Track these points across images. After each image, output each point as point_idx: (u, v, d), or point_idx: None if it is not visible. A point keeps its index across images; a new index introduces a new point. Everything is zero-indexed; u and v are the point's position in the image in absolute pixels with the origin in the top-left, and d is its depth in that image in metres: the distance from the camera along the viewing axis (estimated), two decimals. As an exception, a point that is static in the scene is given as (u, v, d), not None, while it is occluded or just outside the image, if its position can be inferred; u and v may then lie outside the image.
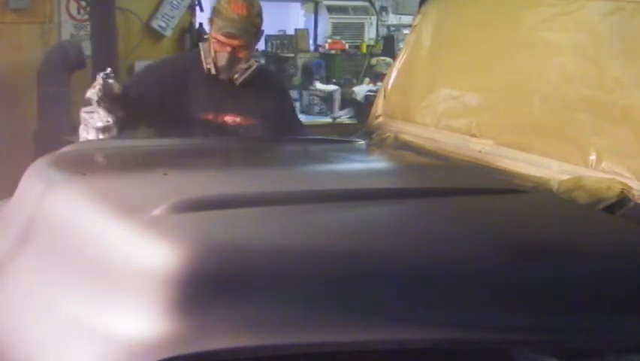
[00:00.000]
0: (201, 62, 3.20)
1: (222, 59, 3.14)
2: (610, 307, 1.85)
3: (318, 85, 6.21)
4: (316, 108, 6.06)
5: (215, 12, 3.17)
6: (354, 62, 6.61)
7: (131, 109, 3.04)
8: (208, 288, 1.59)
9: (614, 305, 1.86)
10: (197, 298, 1.57)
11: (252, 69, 3.21)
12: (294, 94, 6.15)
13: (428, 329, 1.65)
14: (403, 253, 1.77)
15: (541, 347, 1.79)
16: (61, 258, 1.84)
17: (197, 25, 5.86)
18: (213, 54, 3.15)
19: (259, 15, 3.20)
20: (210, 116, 3.20)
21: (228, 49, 3.12)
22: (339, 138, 3.65)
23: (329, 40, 6.53)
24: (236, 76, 3.18)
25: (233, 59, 3.14)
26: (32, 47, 5.16)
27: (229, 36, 3.12)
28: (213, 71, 3.16)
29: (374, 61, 6.62)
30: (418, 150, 2.82)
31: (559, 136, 2.46)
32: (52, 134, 4.66)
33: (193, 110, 3.19)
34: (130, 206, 1.86)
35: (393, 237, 1.85)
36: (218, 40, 3.13)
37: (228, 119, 3.22)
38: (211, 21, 3.19)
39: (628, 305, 1.87)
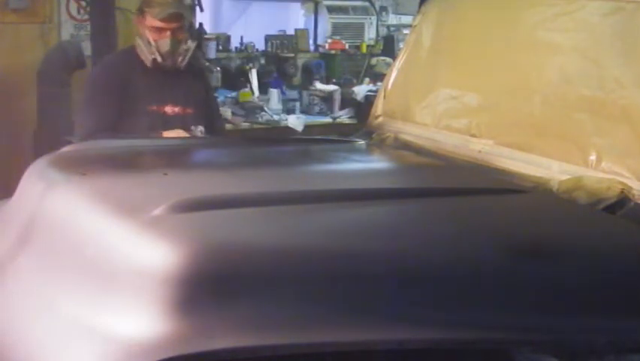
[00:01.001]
0: (139, 58, 3.32)
1: (165, 45, 3.25)
2: (610, 307, 1.85)
3: (318, 85, 6.20)
4: (316, 108, 6.06)
5: (145, 3, 3.30)
6: (354, 62, 6.61)
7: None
8: (208, 288, 1.59)
9: (614, 305, 1.86)
10: (197, 298, 1.57)
11: (191, 50, 3.35)
12: (294, 94, 6.16)
13: (428, 329, 1.65)
14: (402, 253, 1.77)
15: (541, 347, 1.79)
16: (61, 258, 1.84)
17: (197, 25, 5.86)
18: (154, 44, 3.25)
19: None
20: (154, 108, 3.30)
21: (168, 33, 3.24)
22: (339, 137, 3.65)
23: (329, 40, 6.52)
24: (180, 59, 3.30)
25: (175, 43, 3.26)
26: (32, 47, 5.15)
27: (170, 18, 3.24)
28: (160, 60, 3.26)
29: (374, 61, 6.61)
30: (418, 150, 2.82)
31: (559, 136, 2.46)
32: (52, 134, 4.66)
33: (138, 105, 3.29)
34: (130, 206, 1.86)
35: (393, 237, 1.85)
36: (157, 28, 3.24)
37: (168, 109, 3.33)
38: (143, 14, 3.30)
39: (628, 305, 1.87)
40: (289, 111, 5.91)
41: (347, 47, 6.55)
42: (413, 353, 1.66)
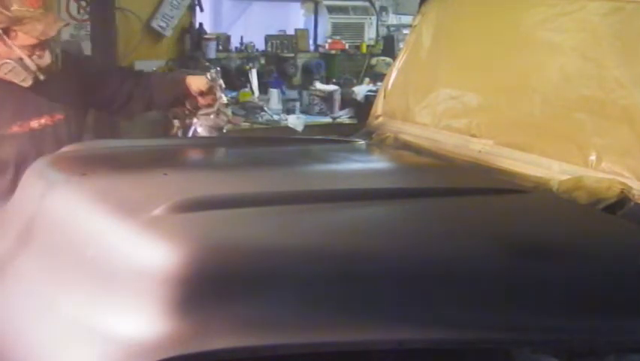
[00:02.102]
0: None
1: (47, 58, 2.85)
2: (610, 307, 1.85)
3: (318, 85, 6.21)
4: (316, 108, 6.07)
5: (15, 21, 2.77)
6: (354, 62, 6.62)
7: None
8: (208, 288, 1.59)
9: (614, 305, 1.86)
10: (197, 298, 1.57)
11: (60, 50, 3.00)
12: (294, 94, 6.16)
13: (428, 329, 1.65)
14: (402, 252, 1.77)
15: (541, 347, 1.79)
16: (61, 258, 1.84)
17: (197, 26, 5.86)
18: (30, 62, 2.82)
19: None
20: (16, 129, 2.88)
21: (44, 45, 2.85)
22: (339, 138, 3.65)
23: (329, 40, 6.53)
24: (54, 66, 2.91)
25: (52, 50, 2.88)
26: (32, 47, 5.15)
27: (55, 32, 2.85)
28: (42, 77, 2.85)
29: (374, 61, 6.62)
30: (418, 150, 2.82)
31: (559, 136, 2.46)
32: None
33: None
34: (130, 206, 1.86)
35: (393, 237, 1.85)
36: (33, 45, 2.81)
37: (34, 124, 2.92)
38: (7, 33, 2.79)
39: (628, 305, 1.87)
40: (289, 111, 5.92)
41: (347, 46, 6.56)
42: (413, 353, 1.66)
